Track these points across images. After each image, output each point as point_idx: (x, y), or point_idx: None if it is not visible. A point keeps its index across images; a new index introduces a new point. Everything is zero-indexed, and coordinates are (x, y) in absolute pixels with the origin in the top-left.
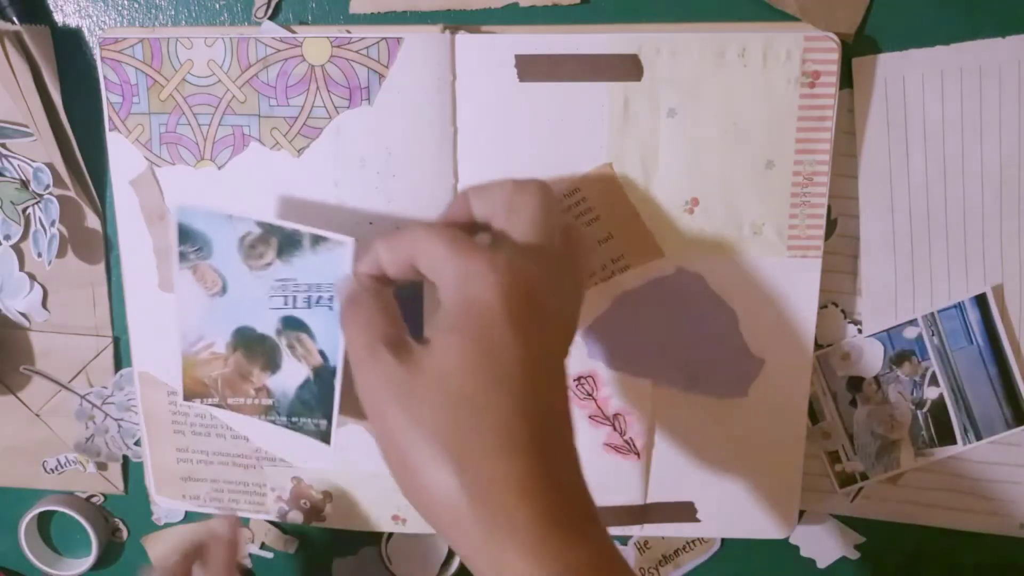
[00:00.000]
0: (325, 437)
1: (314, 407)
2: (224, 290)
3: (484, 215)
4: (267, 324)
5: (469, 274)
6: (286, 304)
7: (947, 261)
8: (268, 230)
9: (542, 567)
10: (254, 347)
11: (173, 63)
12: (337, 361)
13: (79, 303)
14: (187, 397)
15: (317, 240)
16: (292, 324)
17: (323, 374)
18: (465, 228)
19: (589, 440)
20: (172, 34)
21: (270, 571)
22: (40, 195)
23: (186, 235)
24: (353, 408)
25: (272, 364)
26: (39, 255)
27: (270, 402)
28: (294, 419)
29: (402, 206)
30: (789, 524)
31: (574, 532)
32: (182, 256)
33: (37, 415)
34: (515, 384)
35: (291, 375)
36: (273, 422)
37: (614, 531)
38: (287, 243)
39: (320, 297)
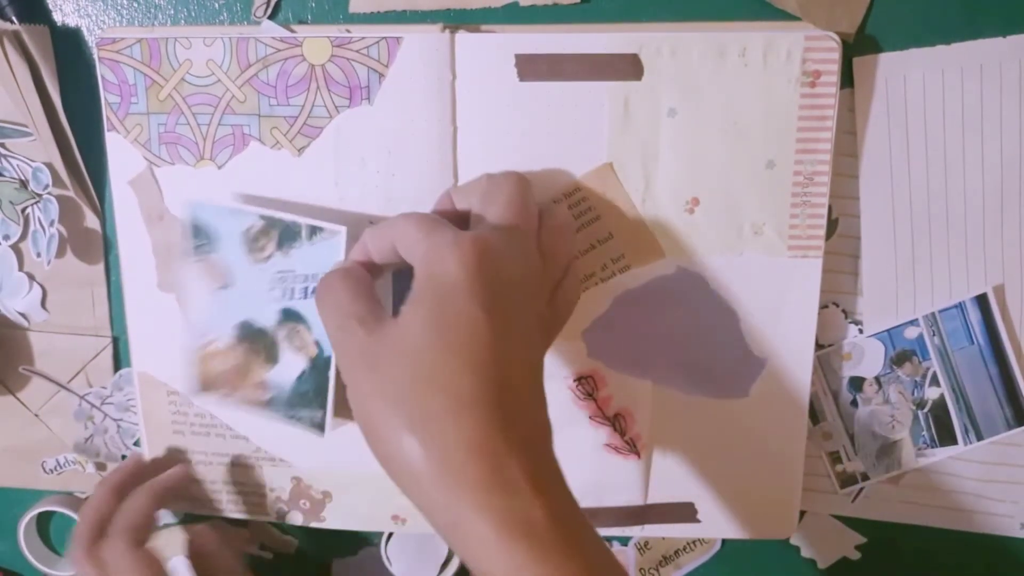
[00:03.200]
0: (320, 426)
1: (311, 399)
2: (229, 284)
3: (464, 207)
4: (267, 317)
5: (435, 248)
6: (284, 296)
7: (948, 261)
8: (270, 223)
9: (490, 522)
10: (255, 341)
11: (171, 63)
12: (331, 351)
13: (78, 303)
14: (202, 391)
15: (314, 231)
16: (290, 316)
17: (319, 364)
18: (449, 219)
19: (589, 440)
20: (170, 34)
21: (270, 571)
22: (39, 195)
23: (196, 229)
24: (346, 408)
25: (271, 358)
26: (38, 255)
27: (270, 395)
28: (291, 412)
29: (402, 205)
30: (790, 525)
31: (529, 489)
32: (191, 250)
33: (36, 415)
34: (471, 349)
35: (289, 367)
36: (272, 415)
37: (615, 531)
38: (287, 235)
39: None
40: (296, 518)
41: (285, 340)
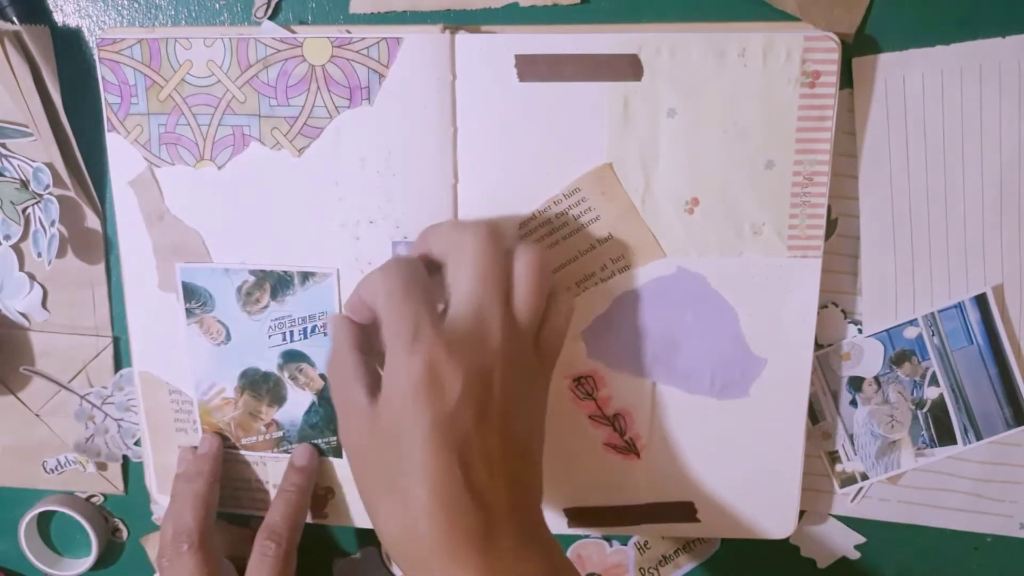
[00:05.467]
0: (337, 452)
1: (323, 428)
2: (228, 338)
3: (438, 253)
4: (269, 362)
5: (392, 355)
6: (284, 340)
7: (947, 261)
8: (261, 276)
9: None
10: (259, 386)
11: (172, 63)
12: None
13: (79, 303)
14: None
15: (306, 276)
16: (292, 357)
17: (327, 395)
18: (425, 261)
19: (589, 440)
20: (170, 34)
21: None
22: (40, 195)
23: (190, 292)
24: None
25: (278, 399)
26: (39, 255)
27: (280, 434)
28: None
29: (402, 205)
30: (789, 524)
31: (477, 554)
32: (188, 312)
33: (37, 415)
34: (415, 451)
35: (297, 404)
36: (286, 451)
37: (614, 531)
38: (280, 285)
39: (315, 327)
40: None
41: (290, 380)
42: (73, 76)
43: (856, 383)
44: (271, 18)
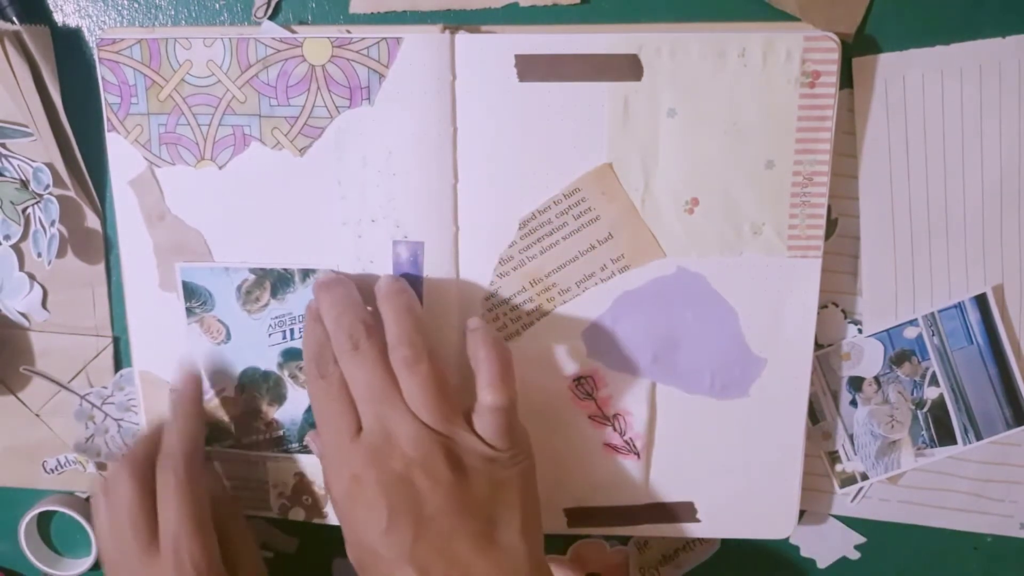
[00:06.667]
0: None
1: None
2: (228, 337)
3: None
4: (269, 361)
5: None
6: (284, 338)
7: (947, 261)
8: (261, 274)
9: None
10: (259, 385)
11: (172, 63)
12: None
13: (79, 303)
14: (208, 442)
15: (306, 274)
16: (292, 355)
17: None
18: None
19: (589, 440)
20: (170, 34)
21: (270, 571)
22: (40, 195)
23: (190, 292)
24: None
25: (278, 397)
26: (39, 255)
27: (280, 433)
28: (306, 443)
29: (403, 205)
30: (789, 524)
31: None
32: (189, 311)
33: (37, 415)
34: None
35: (297, 403)
36: (286, 451)
37: (615, 531)
38: (280, 283)
39: None
40: (298, 514)
41: (290, 379)
42: (73, 76)
43: (856, 383)
44: (271, 18)
